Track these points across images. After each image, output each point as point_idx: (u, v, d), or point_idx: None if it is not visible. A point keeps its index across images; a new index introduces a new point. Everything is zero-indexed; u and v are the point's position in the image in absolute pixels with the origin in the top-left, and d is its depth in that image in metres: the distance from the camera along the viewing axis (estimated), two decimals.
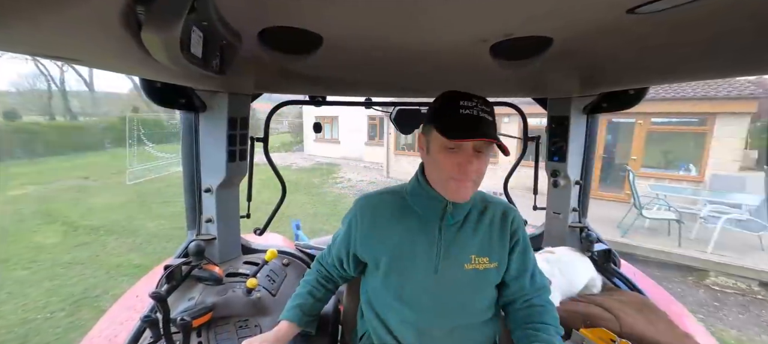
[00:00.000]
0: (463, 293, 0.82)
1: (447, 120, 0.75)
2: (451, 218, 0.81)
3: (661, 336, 0.97)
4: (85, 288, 3.90)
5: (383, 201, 0.89)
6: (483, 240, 0.83)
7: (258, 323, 1.08)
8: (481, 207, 0.86)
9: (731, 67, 0.79)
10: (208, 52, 0.63)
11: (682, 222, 4.65)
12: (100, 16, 0.43)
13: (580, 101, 1.36)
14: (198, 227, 1.36)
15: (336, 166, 12.59)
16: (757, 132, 11.86)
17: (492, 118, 0.74)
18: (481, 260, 0.82)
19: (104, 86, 32.97)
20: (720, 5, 0.51)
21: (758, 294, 3.72)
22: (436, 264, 0.81)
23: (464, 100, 0.73)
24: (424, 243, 0.82)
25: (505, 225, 0.85)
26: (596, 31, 0.67)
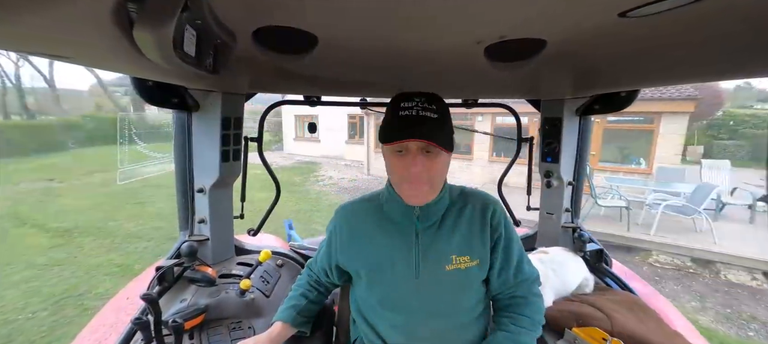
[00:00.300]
0: (448, 294, 0.81)
1: (386, 123, 0.74)
2: (423, 221, 0.80)
3: (651, 334, 0.98)
4: (66, 288, 3.85)
5: (360, 210, 0.88)
6: (462, 239, 0.81)
7: (251, 324, 1.07)
8: (460, 205, 0.84)
9: (721, 70, 0.80)
10: (202, 51, 0.62)
11: (630, 209, 5.32)
12: (90, 14, 0.43)
13: (572, 103, 1.37)
14: (190, 227, 1.34)
15: (316, 164, 12.60)
16: (703, 130, 12.89)
17: (438, 115, 0.71)
18: (461, 259, 0.80)
19: (63, 83, 30.74)
20: (710, 9, 0.52)
21: (690, 269, 4.36)
22: (416, 268, 0.80)
23: (405, 101, 0.72)
24: (402, 249, 0.81)
25: (485, 219, 0.82)
26: (589, 33, 0.68)
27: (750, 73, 0.77)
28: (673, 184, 5.77)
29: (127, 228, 5.75)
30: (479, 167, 9.25)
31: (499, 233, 0.83)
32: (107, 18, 0.44)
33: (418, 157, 0.71)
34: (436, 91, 0.82)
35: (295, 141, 15.50)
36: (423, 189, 0.74)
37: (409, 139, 0.69)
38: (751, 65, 0.71)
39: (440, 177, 0.76)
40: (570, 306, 1.14)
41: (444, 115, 0.72)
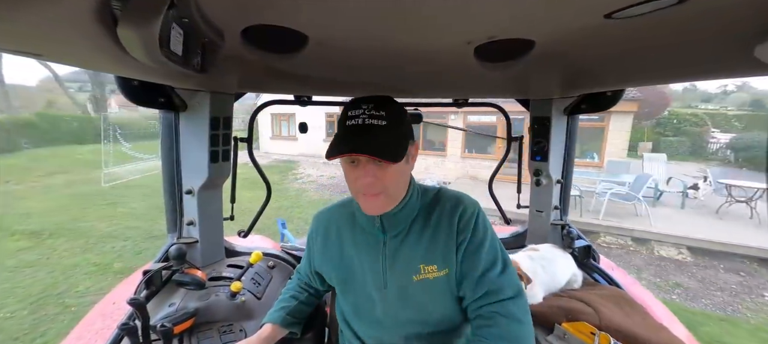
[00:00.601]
0: (417, 305, 0.76)
1: (336, 135, 0.70)
2: (389, 230, 0.76)
3: (637, 327, 1.01)
4: (43, 287, 3.77)
5: (334, 217, 0.86)
6: (429, 247, 0.75)
7: (243, 327, 1.06)
8: (427, 209, 0.78)
9: (703, 70, 0.83)
10: (189, 50, 0.61)
11: (582, 198, 6.15)
12: (71, 11, 0.41)
13: (561, 102, 1.40)
14: (179, 230, 1.32)
15: (295, 162, 12.56)
16: (652, 128, 14.85)
17: (387, 122, 0.66)
18: (429, 268, 0.74)
19: (10, 77, 27.24)
20: (692, 11, 0.54)
21: (631, 247, 5.11)
22: (383, 278, 0.76)
23: (353, 109, 0.67)
24: (369, 259, 0.78)
25: (451, 222, 0.74)
26: (575, 34, 0.69)
27: (730, 72, 0.79)
28: (620, 175, 6.68)
29: (100, 228, 5.62)
30: (452, 163, 10.02)
31: (464, 236, 0.74)
32: (89, 16, 0.43)
33: (369, 168, 0.67)
34: (426, 90, 0.82)
35: (271, 139, 15.30)
36: (377, 200, 0.70)
37: (350, 154, 0.64)
38: (731, 65, 0.73)
39: (396, 185, 0.71)
40: (559, 302, 1.16)
41: (394, 121, 0.67)
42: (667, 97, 15.32)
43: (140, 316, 0.87)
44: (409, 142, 0.71)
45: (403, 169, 0.71)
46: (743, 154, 7.94)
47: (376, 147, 0.64)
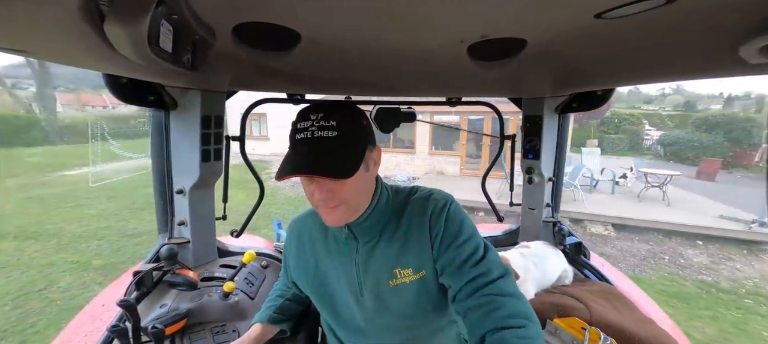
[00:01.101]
0: (396, 311, 0.74)
1: (287, 152, 0.66)
2: (358, 238, 0.73)
3: (626, 321, 1.03)
4: (21, 286, 3.76)
5: (307, 224, 0.83)
6: (402, 250, 0.71)
7: (236, 327, 1.05)
8: (397, 212, 0.74)
9: (693, 70, 0.84)
10: (179, 47, 0.60)
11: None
12: (55, 6, 0.40)
13: (552, 101, 1.42)
14: (170, 230, 1.30)
15: (267, 162, 12.49)
16: (597, 126, 16.46)
17: (338, 133, 0.61)
18: (404, 272, 0.71)
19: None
20: (681, 12, 0.55)
21: (595, 230, 6.10)
22: (358, 286, 0.74)
23: (301, 121, 0.64)
24: (343, 267, 0.76)
25: (422, 221, 0.71)
26: (566, 34, 0.70)
27: (717, 72, 0.81)
28: (576, 170, 7.61)
29: (70, 230, 5.55)
30: (421, 159, 10.83)
31: (437, 230, 0.69)
32: (75, 12, 0.42)
33: (323, 182, 0.63)
34: (420, 88, 0.82)
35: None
36: (337, 213, 0.66)
37: (296, 175, 0.60)
38: (717, 65, 0.75)
39: (356, 196, 0.67)
40: (551, 298, 1.18)
41: (347, 130, 0.63)
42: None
43: (131, 318, 0.86)
44: (366, 149, 0.66)
45: (363, 178, 0.67)
46: (670, 148, 9.40)
47: (325, 163, 0.60)
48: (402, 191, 0.78)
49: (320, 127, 0.62)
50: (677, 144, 13.09)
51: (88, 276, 4.01)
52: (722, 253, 5.01)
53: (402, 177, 10.16)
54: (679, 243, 5.38)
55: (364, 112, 0.71)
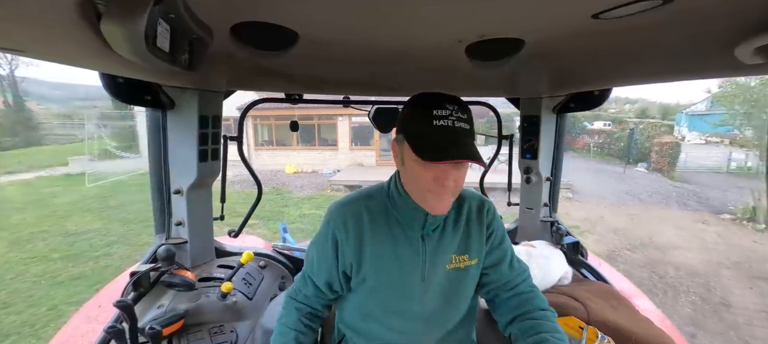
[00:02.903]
0: (446, 294, 0.82)
1: (420, 134, 0.67)
2: (431, 226, 0.79)
3: (623, 320, 1.04)
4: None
5: (365, 209, 0.79)
6: (462, 238, 0.81)
7: (234, 328, 1.05)
8: (457, 205, 0.82)
9: (689, 70, 0.85)
10: (176, 47, 0.60)
11: None
12: (53, 6, 0.40)
13: (550, 101, 1.42)
14: (167, 230, 1.29)
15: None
16: (485, 124, 17.87)
17: (470, 125, 0.68)
18: (461, 258, 0.80)
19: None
20: (677, 12, 0.55)
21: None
22: (422, 271, 0.78)
23: (437, 109, 0.65)
24: (409, 253, 0.78)
25: (481, 218, 0.83)
26: (564, 34, 0.70)
27: (713, 72, 0.82)
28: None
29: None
30: (344, 154, 12.73)
31: (492, 229, 0.83)
32: (71, 10, 0.42)
33: (451, 172, 0.67)
34: (417, 88, 0.82)
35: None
36: (449, 201, 0.72)
37: (458, 160, 0.64)
38: (713, 65, 0.75)
39: (462, 186, 0.75)
40: (549, 297, 1.18)
41: (472, 126, 0.69)
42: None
43: (128, 318, 0.86)
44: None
45: (467, 171, 0.74)
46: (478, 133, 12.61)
47: (475, 153, 0.66)
48: None
49: (458, 119, 0.66)
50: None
51: (42, 268, 4.51)
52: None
53: (328, 171, 11.81)
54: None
55: None
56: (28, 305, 3.85)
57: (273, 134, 13.49)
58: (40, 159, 13.83)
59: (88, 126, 12.15)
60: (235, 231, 1.53)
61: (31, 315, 3.67)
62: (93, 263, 4.98)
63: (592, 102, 1.34)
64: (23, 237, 5.90)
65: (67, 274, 4.63)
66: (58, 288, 4.26)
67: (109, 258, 5.15)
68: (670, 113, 17.07)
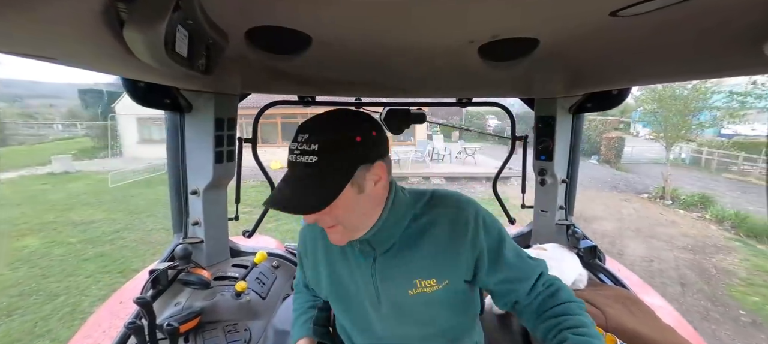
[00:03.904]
0: (419, 319, 0.73)
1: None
2: (375, 248, 0.70)
3: (643, 328, 1.00)
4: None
5: (319, 231, 0.77)
6: (428, 260, 0.69)
7: (248, 326, 1.07)
8: (425, 219, 0.70)
9: (711, 68, 0.82)
10: (194, 52, 0.61)
11: (400, 160, 11.30)
12: (79, 14, 0.42)
13: (566, 101, 1.39)
14: (184, 230, 1.33)
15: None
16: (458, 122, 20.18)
17: (319, 158, 0.57)
18: (427, 283, 0.69)
19: None
20: (699, 8, 0.53)
21: (421, 181, 10.21)
22: (376, 293, 0.72)
23: (293, 140, 0.60)
24: (361, 275, 0.73)
25: (457, 236, 0.68)
26: (581, 33, 0.69)
27: (739, 70, 0.78)
28: (422, 147, 12.51)
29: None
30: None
31: (480, 248, 0.68)
32: (96, 18, 0.43)
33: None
34: (429, 90, 0.82)
35: (139, 144, 14.79)
36: (335, 234, 0.65)
37: (273, 208, 0.59)
38: (739, 63, 0.72)
39: (349, 219, 0.64)
40: None
41: (327, 157, 0.58)
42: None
43: (147, 315, 0.88)
44: (357, 169, 0.60)
45: (355, 200, 0.62)
46: (498, 134, 13.30)
47: (298, 197, 0.58)
48: (421, 197, 0.74)
49: (303, 152, 0.59)
50: (502, 131, 19.39)
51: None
52: (486, 183, 9.80)
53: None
54: (474, 182, 10.21)
55: (368, 124, 0.63)
56: (65, 275, 4.50)
57: (259, 132, 13.66)
58: (16, 159, 13.93)
59: (57, 126, 12.44)
60: (249, 232, 1.56)
61: (72, 281, 4.34)
62: (110, 245, 5.52)
63: (611, 102, 1.30)
64: (32, 226, 6.29)
65: (92, 252, 5.22)
66: (86, 263, 4.86)
67: (124, 241, 5.68)
68: (629, 111, 17.93)
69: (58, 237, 5.82)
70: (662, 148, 10.26)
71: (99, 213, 7.06)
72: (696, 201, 7.60)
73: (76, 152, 13.66)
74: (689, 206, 7.56)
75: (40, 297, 3.96)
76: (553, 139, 1.43)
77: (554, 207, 1.53)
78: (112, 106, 14.92)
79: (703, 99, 8.84)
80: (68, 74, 63.01)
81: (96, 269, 4.66)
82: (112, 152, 14.05)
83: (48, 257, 5.08)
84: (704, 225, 6.65)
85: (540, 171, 1.52)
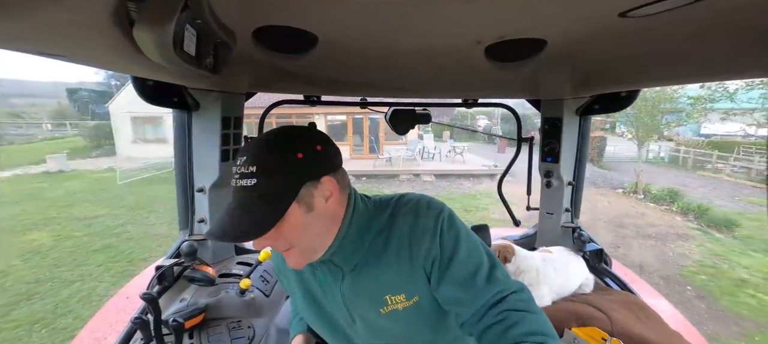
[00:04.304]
0: (389, 335, 0.69)
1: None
2: (341, 266, 0.66)
3: (651, 334, 0.98)
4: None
5: None
6: (393, 274, 0.64)
7: (251, 324, 1.08)
8: (384, 236, 0.65)
9: (721, 70, 0.80)
10: (202, 51, 0.62)
11: (391, 158, 11.69)
12: (90, 14, 0.43)
13: (573, 103, 1.37)
14: (190, 227, 1.34)
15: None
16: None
17: (258, 178, 0.54)
18: (397, 299, 0.64)
19: None
20: (709, 9, 0.52)
21: (411, 178, 10.73)
22: (349, 313, 0.69)
23: (234, 166, 0.57)
24: (332, 295, 0.70)
25: (413, 246, 0.62)
26: (589, 34, 0.68)
27: (749, 72, 0.77)
28: (412, 146, 12.61)
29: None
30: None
31: (432, 256, 0.62)
32: (107, 18, 0.44)
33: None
34: (435, 90, 0.82)
35: (133, 144, 14.86)
36: (292, 257, 0.62)
37: (212, 238, 0.58)
38: (749, 65, 0.70)
39: (302, 240, 0.60)
40: (570, 306, 1.14)
41: (266, 180, 0.55)
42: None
43: (152, 311, 0.90)
44: (302, 187, 0.57)
45: (305, 219, 0.58)
46: (487, 134, 13.90)
47: (236, 225, 0.55)
48: (386, 204, 0.69)
49: (242, 175, 0.56)
50: (490, 130, 20.72)
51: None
52: (474, 180, 10.41)
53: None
54: (462, 179, 10.58)
55: (312, 138, 0.60)
56: (76, 265, 4.76)
57: (252, 131, 13.91)
58: (9, 159, 14.11)
59: (46, 125, 12.54)
60: None
61: (85, 270, 4.61)
62: (116, 238, 5.74)
63: (619, 103, 1.28)
64: (36, 222, 6.46)
65: (100, 244, 5.46)
66: (95, 254, 5.13)
67: (129, 234, 5.91)
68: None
69: (64, 231, 6.02)
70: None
71: (100, 210, 7.26)
72: (665, 196, 8.13)
73: (68, 151, 13.65)
74: (659, 200, 8.14)
75: (56, 284, 4.22)
76: (559, 141, 1.41)
77: (560, 210, 1.52)
78: (105, 105, 14.92)
79: (670, 100, 9.47)
80: (52, 72, 62.02)
81: (106, 259, 4.93)
82: (107, 151, 13.98)
83: (57, 249, 5.27)
84: (670, 217, 7.22)
85: (546, 173, 1.50)
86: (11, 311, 3.65)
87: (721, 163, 12.38)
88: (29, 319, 3.52)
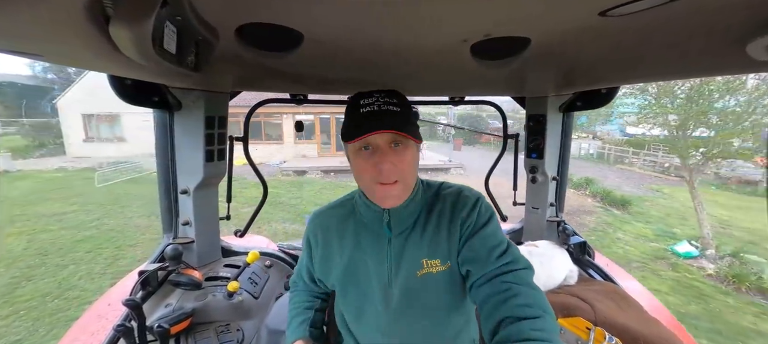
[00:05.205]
0: (420, 301, 0.74)
1: (348, 123, 0.70)
2: (394, 228, 0.74)
3: (631, 321, 1.02)
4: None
5: (332, 217, 0.83)
6: (432, 240, 0.73)
7: (240, 327, 1.06)
8: (428, 204, 0.77)
9: (699, 68, 0.83)
10: (183, 48, 0.60)
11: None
12: (62, 10, 0.41)
13: (556, 100, 1.41)
14: (174, 230, 1.31)
15: (134, 163, 11.67)
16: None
17: (402, 108, 0.67)
18: (432, 263, 0.73)
19: None
20: (686, 8, 0.54)
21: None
22: (389, 277, 0.75)
23: (364, 98, 0.67)
24: (374, 258, 0.76)
25: (454, 214, 0.73)
26: (571, 32, 0.70)
27: (724, 70, 0.80)
28: None
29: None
30: (288, 148, 14.27)
31: (468, 223, 0.72)
32: (81, 14, 0.42)
33: (387, 154, 0.66)
34: (422, 88, 0.82)
35: (85, 142, 14.42)
36: (395, 189, 0.68)
37: (376, 132, 0.63)
38: (724, 63, 0.74)
39: (412, 172, 0.71)
40: (555, 298, 1.17)
41: (407, 108, 0.68)
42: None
43: (136, 317, 0.87)
44: (419, 134, 0.71)
45: (417, 155, 0.71)
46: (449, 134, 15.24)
47: (400, 126, 0.65)
48: (433, 185, 0.80)
49: (384, 102, 0.66)
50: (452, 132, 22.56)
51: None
52: (432, 173, 10.83)
53: (275, 162, 12.90)
54: (422, 172, 10.78)
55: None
56: (64, 253, 4.87)
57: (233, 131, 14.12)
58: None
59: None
60: (241, 231, 1.54)
61: (76, 256, 4.75)
62: (96, 230, 5.80)
63: (599, 100, 1.32)
64: (1, 219, 6.28)
65: (80, 236, 5.52)
66: (80, 243, 5.23)
67: (107, 225, 6.00)
68: None
69: (37, 226, 5.95)
70: (589, 145, 12.13)
71: (68, 207, 7.12)
72: (582, 183, 10.11)
73: (7, 151, 12.69)
74: (578, 186, 10.12)
75: (50, 268, 4.42)
76: (543, 137, 1.45)
77: (545, 205, 1.56)
78: (44, 101, 14.07)
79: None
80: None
81: (93, 247, 5.09)
82: (52, 151, 13.10)
83: (36, 241, 5.26)
84: (584, 199, 9.09)
85: (531, 168, 1.54)
86: (15, 290, 3.89)
87: (635, 158, 14.60)
88: (37, 294, 3.79)
